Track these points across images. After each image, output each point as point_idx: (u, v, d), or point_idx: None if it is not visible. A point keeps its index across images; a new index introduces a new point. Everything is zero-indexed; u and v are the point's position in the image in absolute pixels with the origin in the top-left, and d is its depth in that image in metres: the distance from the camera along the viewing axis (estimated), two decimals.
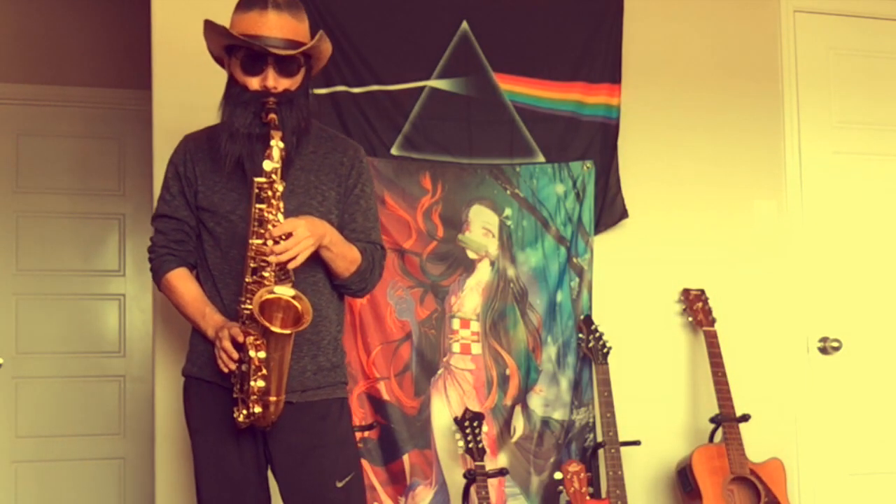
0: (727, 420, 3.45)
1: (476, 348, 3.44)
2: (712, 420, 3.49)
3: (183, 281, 2.54)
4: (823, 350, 3.88)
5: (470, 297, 3.45)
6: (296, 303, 2.31)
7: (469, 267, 3.46)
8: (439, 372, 3.40)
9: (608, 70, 3.62)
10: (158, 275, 2.57)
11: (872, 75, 4.03)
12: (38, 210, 4.69)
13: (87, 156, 4.76)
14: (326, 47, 2.51)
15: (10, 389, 4.61)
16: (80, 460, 4.67)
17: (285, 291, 2.32)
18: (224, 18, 2.49)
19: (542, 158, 3.54)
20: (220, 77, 2.57)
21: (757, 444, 3.53)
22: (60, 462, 4.65)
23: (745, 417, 3.47)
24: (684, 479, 3.44)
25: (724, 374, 3.50)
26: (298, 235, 2.33)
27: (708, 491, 3.35)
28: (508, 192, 3.50)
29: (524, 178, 3.52)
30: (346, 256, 2.50)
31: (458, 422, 3.25)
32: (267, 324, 2.27)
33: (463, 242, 3.46)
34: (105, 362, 4.76)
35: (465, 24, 3.49)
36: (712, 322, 3.60)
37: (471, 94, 3.49)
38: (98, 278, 4.79)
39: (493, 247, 3.49)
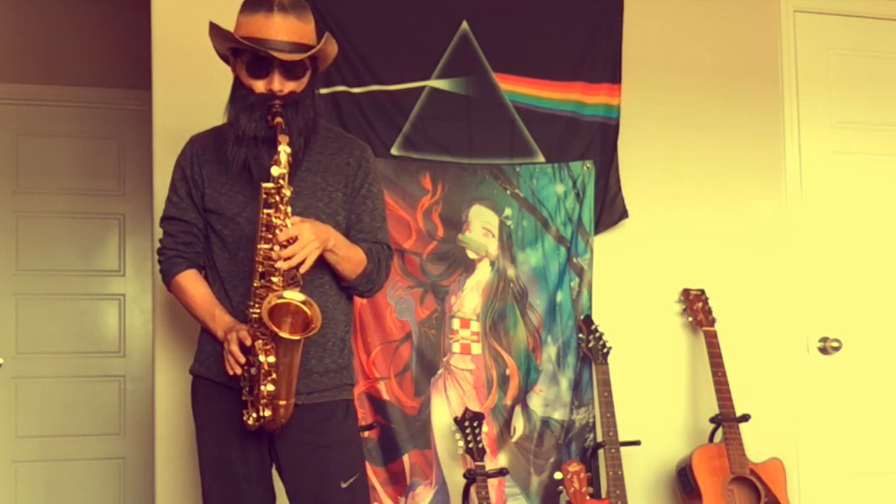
0: (727, 420, 3.45)
1: (476, 348, 3.44)
2: (712, 420, 3.49)
3: (192, 283, 2.54)
4: (823, 350, 3.87)
5: (470, 297, 3.45)
6: (305, 308, 2.30)
7: (469, 267, 3.46)
8: (439, 372, 3.40)
9: (608, 70, 3.62)
10: (168, 277, 2.58)
11: (872, 75, 4.03)
12: (38, 210, 4.69)
13: (87, 156, 4.75)
14: (332, 49, 2.50)
15: (10, 389, 4.61)
16: (80, 460, 4.66)
17: (295, 296, 2.31)
18: (224, 18, 2.49)
19: (542, 158, 3.54)
20: (220, 76, 2.57)
21: (757, 444, 3.53)
22: (60, 462, 4.64)
23: (745, 417, 3.47)
24: (684, 479, 3.44)
25: (724, 374, 3.50)
26: (304, 239, 2.32)
27: (708, 491, 3.35)
28: (508, 192, 3.50)
29: (524, 178, 3.52)
30: (351, 259, 2.50)
31: (458, 422, 3.24)
32: (276, 329, 2.26)
33: (463, 242, 3.46)
34: (105, 362, 4.76)
35: (465, 24, 3.49)
36: (712, 322, 3.60)
37: (471, 94, 3.49)
38: (98, 278, 4.79)
39: (493, 247, 3.49)
